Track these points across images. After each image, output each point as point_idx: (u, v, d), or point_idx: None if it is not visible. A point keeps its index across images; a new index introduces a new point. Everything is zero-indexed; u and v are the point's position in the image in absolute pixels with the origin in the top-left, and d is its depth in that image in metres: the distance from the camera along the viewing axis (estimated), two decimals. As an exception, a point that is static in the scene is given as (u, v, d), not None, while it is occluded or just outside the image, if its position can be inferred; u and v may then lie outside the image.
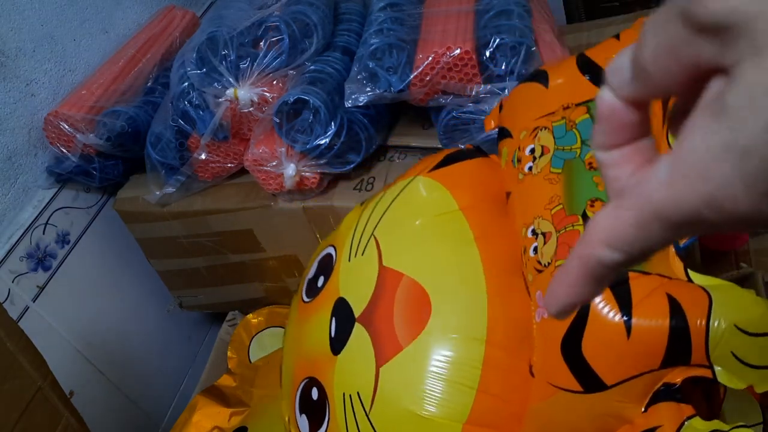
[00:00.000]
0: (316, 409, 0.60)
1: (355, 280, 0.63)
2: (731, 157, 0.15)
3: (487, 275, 0.57)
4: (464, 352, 0.53)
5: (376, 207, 0.67)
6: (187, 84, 0.90)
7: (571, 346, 0.48)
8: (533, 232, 0.57)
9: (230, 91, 0.87)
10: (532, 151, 0.61)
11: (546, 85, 0.64)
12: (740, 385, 0.43)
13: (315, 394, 0.61)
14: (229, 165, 0.98)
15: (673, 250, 0.49)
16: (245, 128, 0.94)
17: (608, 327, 0.46)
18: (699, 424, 0.44)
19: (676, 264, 0.48)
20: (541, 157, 0.60)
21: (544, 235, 0.55)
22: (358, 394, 0.56)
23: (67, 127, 0.96)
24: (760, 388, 0.42)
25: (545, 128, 0.61)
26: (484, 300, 0.55)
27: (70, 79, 1.05)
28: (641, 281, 0.47)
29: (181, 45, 1.06)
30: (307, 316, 0.67)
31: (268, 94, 0.87)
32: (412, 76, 0.80)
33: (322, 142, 0.84)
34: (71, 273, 1.02)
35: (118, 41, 1.14)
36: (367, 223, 0.66)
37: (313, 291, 0.68)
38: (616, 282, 0.47)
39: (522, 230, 0.59)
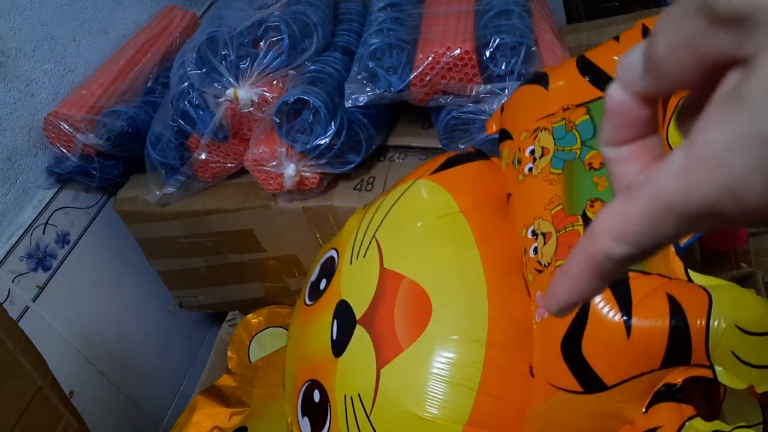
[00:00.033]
0: (318, 412, 0.60)
1: (357, 283, 0.63)
2: (750, 147, 0.15)
3: (488, 276, 0.57)
4: (465, 354, 0.53)
5: (377, 210, 0.67)
6: (187, 84, 0.90)
7: (571, 346, 0.48)
8: (533, 232, 0.57)
9: (230, 91, 0.87)
10: (532, 152, 0.61)
11: (546, 87, 0.65)
12: (741, 385, 0.43)
13: (317, 396, 0.61)
14: (229, 165, 0.98)
15: (673, 250, 0.49)
16: (245, 128, 0.94)
17: (608, 327, 0.46)
18: (700, 425, 0.44)
19: (677, 264, 0.48)
20: (541, 158, 0.60)
21: (544, 235, 0.55)
22: (359, 395, 0.56)
23: (67, 127, 0.96)
24: (761, 388, 0.42)
25: (545, 129, 0.61)
26: (485, 301, 0.55)
27: (70, 79, 1.05)
28: (641, 281, 0.47)
29: (181, 45, 1.06)
30: (310, 319, 0.67)
31: (268, 94, 0.87)
32: (412, 76, 0.80)
33: (322, 142, 0.84)
34: (71, 273, 1.02)
35: (118, 41, 1.14)
36: (368, 226, 0.66)
37: (316, 294, 0.68)
38: (616, 282, 0.47)
39: (522, 231, 0.59)
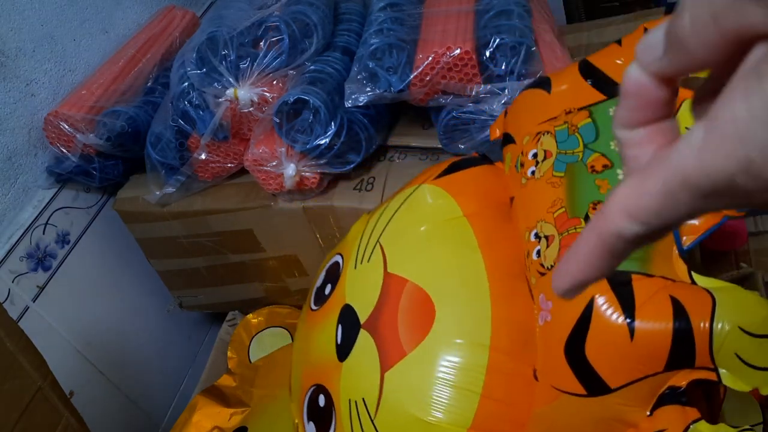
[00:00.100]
0: (323, 416, 0.60)
1: (361, 287, 0.63)
2: None
3: (491, 280, 0.57)
4: (468, 357, 0.53)
5: (382, 215, 0.67)
6: (187, 84, 0.90)
7: (575, 349, 0.48)
8: (536, 235, 0.57)
9: (230, 91, 0.87)
10: (535, 155, 0.61)
11: (549, 91, 0.65)
12: (745, 388, 0.42)
13: (322, 401, 0.61)
14: (229, 165, 0.98)
15: (676, 252, 0.49)
16: (245, 128, 0.94)
17: (611, 329, 0.46)
18: (704, 428, 0.44)
19: (680, 266, 0.48)
20: (543, 161, 0.60)
21: (546, 238, 0.55)
22: (363, 400, 0.56)
23: (67, 127, 0.96)
24: (766, 390, 0.42)
25: (548, 133, 0.61)
26: (488, 305, 0.55)
27: (70, 79, 1.05)
28: (644, 283, 0.47)
29: (181, 45, 1.06)
30: (315, 323, 0.67)
31: (268, 94, 0.87)
32: (412, 76, 0.80)
33: (322, 142, 0.84)
34: (71, 273, 1.02)
35: (118, 41, 1.14)
36: (373, 231, 0.66)
37: (321, 299, 0.68)
38: (619, 284, 0.47)
39: (525, 234, 0.59)
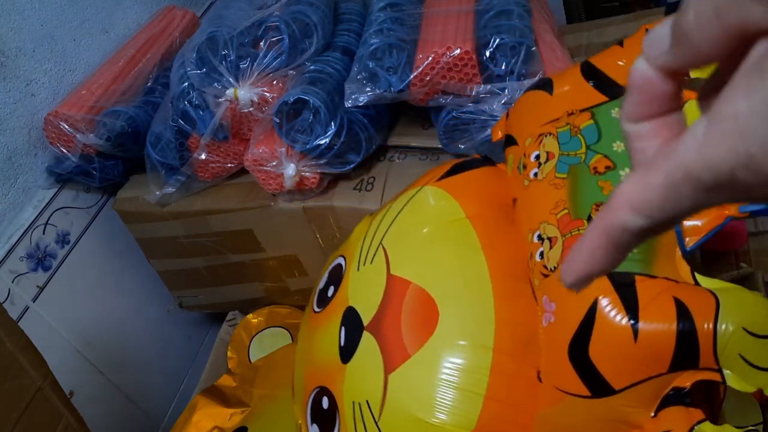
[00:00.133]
0: (327, 418, 0.60)
1: (364, 289, 0.63)
2: None
3: (494, 282, 0.57)
4: (472, 359, 0.53)
5: (384, 217, 0.67)
6: (187, 84, 0.90)
7: (579, 350, 0.48)
8: (539, 237, 0.57)
9: (230, 91, 0.87)
10: (537, 157, 0.61)
11: (551, 93, 0.65)
12: (750, 388, 0.42)
13: (326, 403, 0.61)
14: (229, 165, 0.98)
15: (679, 253, 0.49)
16: (245, 128, 0.94)
17: (615, 331, 0.46)
18: (709, 429, 0.44)
19: (683, 267, 0.48)
20: (546, 162, 0.60)
21: (549, 239, 0.55)
22: (367, 402, 0.56)
23: (67, 127, 0.96)
24: None
25: (550, 134, 0.61)
26: (491, 306, 0.55)
27: (70, 79, 1.05)
28: (648, 284, 0.47)
29: (181, 45, 1.06)
30: (318, 325, 0.67)
31: (268, 94, 0.87)
32: (412, 76, 0.80)
33: (322, 142, 0.84)
34: (71, 273, 1.02)
35: (118, 41, 1.14)
36: (375, 233, 0.66)
37: (324, 301, 0.68)
38: (623, 285, 0.47)
39: (528, 235, 0.59)
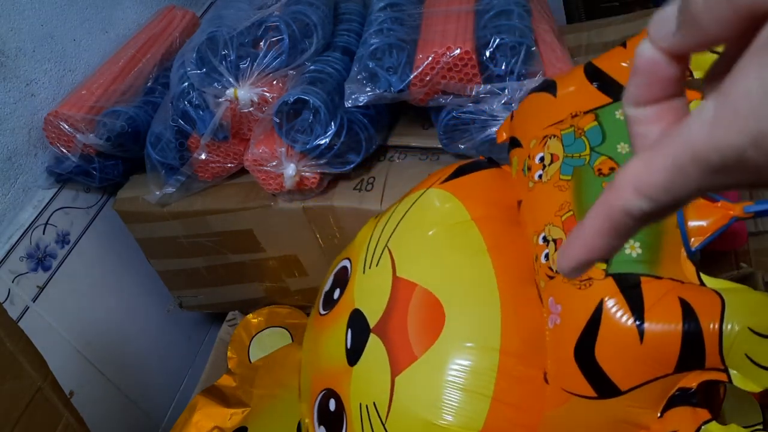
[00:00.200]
0: (334, 421, 0.60)
1: (370, 292, 0.63)
2: None
3: (500, 284, 0.57)
4: (478, 361, 0.53)
5: (389, 219, 0.67)
6: (187, 84, 0.90)
7: (585, 351, 0.48)
8: (544, 239, 0.57)
9: (230, 91, 0.87)
10: (542, 159, 0.61)
11: (554, 95, 0.65)
12: (756, 388, 0.42)
13: (332, 405, 0.61)
14: (229, 165, 0.98)
15: (684, 253, 0.49)
16: (245, 128, 0.94)
17: (621, 332, 0.46)
18: (715, 429, 0.44)
19: (688, 267, 0.48)
20: (550, 164, 0.60)
21: (555, 241, 0.55)
22: (374, 404, 0.56)
23: (67, 127, 0.96)
24: None
25: (554, 136, 0.61)
26: (498, 308, 0.55)
27: (70, 79, 1.05)
28: (653, 285, 0.47)
29: (181, 45, 1.06)
30: (324, 328, 0.67)
31: (268, 94, 0.87)
32: (412, 76, 0.80)
33: (322, 142, 0.84)
34: (71, 273, 1.02)
35: (118, 41, 1.14)
36: (381, 235, 0.66)
37: (330, 304, 0.68)
38: (628, 286, 0.47)
39: (533, 237, 0.59)
